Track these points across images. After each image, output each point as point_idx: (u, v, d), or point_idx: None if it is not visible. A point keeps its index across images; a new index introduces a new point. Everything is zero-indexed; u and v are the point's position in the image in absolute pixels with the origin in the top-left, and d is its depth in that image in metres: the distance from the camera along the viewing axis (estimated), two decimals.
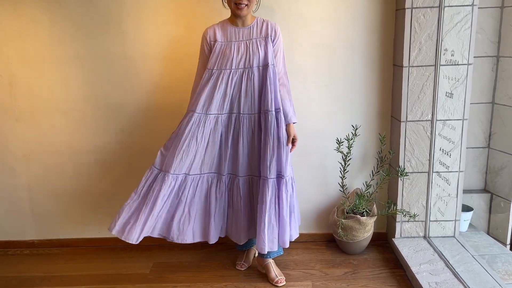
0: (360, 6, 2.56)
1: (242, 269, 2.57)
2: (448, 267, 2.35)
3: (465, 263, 2.38)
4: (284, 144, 2.25)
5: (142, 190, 2.34)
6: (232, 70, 2.22)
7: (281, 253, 2.58)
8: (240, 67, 2.22)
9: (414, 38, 2.42)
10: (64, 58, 2.64)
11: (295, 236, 2.43)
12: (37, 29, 2.59)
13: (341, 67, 2.65)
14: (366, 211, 2.63)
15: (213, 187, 2.38)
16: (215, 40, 2.23)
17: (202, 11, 2.56)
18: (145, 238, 2.88)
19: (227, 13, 2.29)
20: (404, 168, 2.53)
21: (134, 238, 2.30)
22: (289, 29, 2.57)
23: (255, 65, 2.21)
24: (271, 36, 2.23)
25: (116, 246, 2.92)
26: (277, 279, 2.42)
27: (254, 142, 2.30)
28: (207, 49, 2.26)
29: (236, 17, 2.22)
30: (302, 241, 2.86)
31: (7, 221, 2.90)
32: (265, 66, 2.22)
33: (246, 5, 2.13)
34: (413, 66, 2.46)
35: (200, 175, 2.36)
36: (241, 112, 2.27)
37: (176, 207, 2.36)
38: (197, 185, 2.36)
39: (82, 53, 2.63)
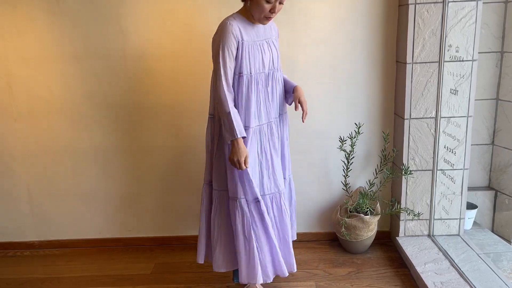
0: (362, 2, 2.52)
1: None
2: (453, 266, 2.32)
3: (471, 262, 2.35)
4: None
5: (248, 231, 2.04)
6: (264, 73, 2.00)
7: None
8: (269, 69, 2.02)
9: (418, 34, 2.38)
10: (62, 57, 2.60)
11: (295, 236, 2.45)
12: (35, 27, 2.56)
13: (343, 64, 2.61)
14: (369, 210, 2.60)
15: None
16: (242, 39, 1.91)
17: (203, 6, 2.52)
18: (145, 238, 2.90)
19: (227, 9, 2.25)
20: (409, 167, 2.50)
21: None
22: (290, 25, 2.53)
23: (276, 66, 2.06)
24: (277, 35, 2.15)
25: (117, 247, 2.90)
26: None
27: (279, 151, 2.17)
28: (234, 48, 1.89)
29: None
30: (305, 241, 2.83)
31: (7, 222, 2.87)
32: (280, 67, 2.14)
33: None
34: (416, 63, 2.42)
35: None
36: (270, 119, 2.08)
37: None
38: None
39: (81, 52, 2.59)
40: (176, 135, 2.72)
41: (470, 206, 2.79)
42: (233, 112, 1.90)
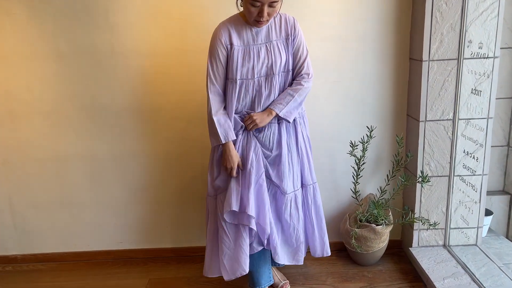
0: None
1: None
2: (474, 281, 2.14)
3: (492, 276, 2.17)
4: None
5: None
6: (255, 80, 1.91)
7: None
8: (262, 75, 1.91)
9: (435, 29, 2.18)
10: (44, 55, 2.37)
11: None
12: (13, 22, 2.32)
13: (352, 61, 2.41)
14: (381, 219, 2.40)
15: None
16: (231, 44, 1.86)
17: (199, 0, 2.30)
18: (137, 250, 2.69)
19: (225, 3, 2.03)
20: (427, 174, 2.30)
21: None
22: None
23: (277, 71, 1.92)
24: (291, 34, 1.93)
25: (107, 260, 2.69)
26: (281, 283, 2.27)
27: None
28: (222, 55, 1.87)
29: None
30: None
31: None
32: (287, 72, 1.96)
33: (267, 20, 1.82)
34: (433, 60, 2.22)
35: None
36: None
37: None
38: None
39: (65, 49, 2.36)
40: (171, 140, 2.51)
41: (486, 212, 2.60)
42: (218, 118, 1.91)
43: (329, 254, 2.20)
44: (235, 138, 1.95)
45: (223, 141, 1.92)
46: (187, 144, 2.52)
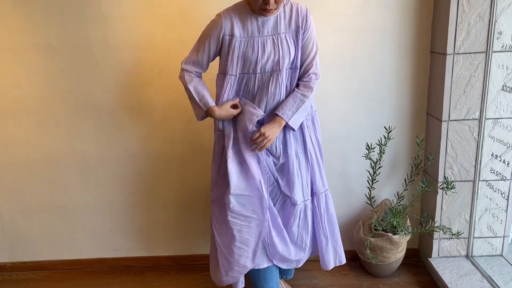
0: None
1: None
2: None
3: None
4: None
5: None
6: (257, 75, 1.73)
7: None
8: (267, 70, 1.72)
9: (462, 19, 1.97)
10: (33, 48, 2.19)
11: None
12: None
13: (367, 55, 2.21)
14: (400, 229, 2.19)
15: None
16: (232, 35, 1.68)
17: None
18: (134, 258, 2.52)
19: None
20: (452, 180, 2.10)
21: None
22: None
23: (284, 67, 1.72)
24: (302, 27, 1.72)
25: (102, 269, 2.52)
26: None
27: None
28: (215, 43, 1.71)
29: None
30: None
31: None
32: (294, 68, 1.77)
33: (275, 8, 1.63)
34: (459, 54, 2.01)
35: None
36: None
37: None
38: None
39: (54, 42, 2.18)
40: (170, 140, 2.33)
41: None
42: (194, 86, 1.78)
43: (344, 262, 2.02)
44: (214, 103, 1.77)
45: (204, 109, 1.77)
46: (188, 145, 2.34)
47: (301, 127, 1.83)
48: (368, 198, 2.26)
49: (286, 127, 1.78)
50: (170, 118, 2.29)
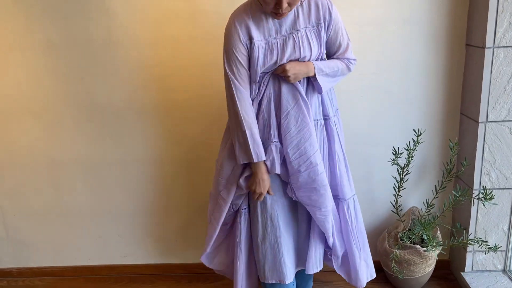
0: None
1: None
2: None
3: None
4: None
5: None
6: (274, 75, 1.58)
7: None
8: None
9: (503, 8, 1.75)
10: (34, 46, 2.08)
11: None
12: None
13: (394, 49, 2.02)
14: (430, 243, 1.99)
15: None
16: (250, 39, 1.52)
17: None
18: (144, 265, 2.41)
19: None
20: (491, 190, 1.88)
21: None
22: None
23: None
24: (324, 20, 1.55)
25: (110, 276, 2.44)
26: None
27: None
28: (243, 57, 1.53)
29: None
30: None
31: None
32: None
33: (288, 11, 1.47)
34: (499, 47, 1.80)
35: None
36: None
37: None
38: None
39: (56, 39, 2.07)
40: (180, 143, 2.21)
41: None
42: (251, 132, 1.56)
43: (374, 276, 1.85)
44: (265, 158, 1.59)
45: (255, 160, 1.57)
46: (199, 148, 2.20)
47: (330, 123, 1.67)
48: (394, 206, 2.07)
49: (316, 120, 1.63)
50: (181, 119, 2.17)
